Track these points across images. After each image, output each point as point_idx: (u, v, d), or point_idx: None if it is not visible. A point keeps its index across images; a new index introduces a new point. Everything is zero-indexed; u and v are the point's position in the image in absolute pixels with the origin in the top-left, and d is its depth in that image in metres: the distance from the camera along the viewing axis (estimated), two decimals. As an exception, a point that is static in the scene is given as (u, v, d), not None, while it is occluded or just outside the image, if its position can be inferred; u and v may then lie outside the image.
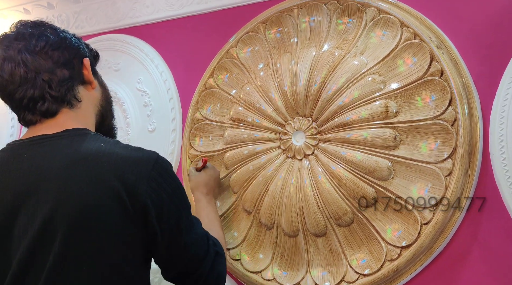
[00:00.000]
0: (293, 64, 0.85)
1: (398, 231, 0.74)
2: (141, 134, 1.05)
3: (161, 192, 0.56)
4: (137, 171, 0.55)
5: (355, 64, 0.80)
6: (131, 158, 0.56)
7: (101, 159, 0.55)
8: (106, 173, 0.54)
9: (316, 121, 0.83)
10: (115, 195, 0.54)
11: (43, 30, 0.62)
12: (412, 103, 0.75)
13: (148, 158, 0.57)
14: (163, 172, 0.57)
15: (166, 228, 0.58)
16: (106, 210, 0.54)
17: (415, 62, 0.76)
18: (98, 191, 0.54)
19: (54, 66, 0.60)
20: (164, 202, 0.56)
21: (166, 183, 0.57)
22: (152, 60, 1.06)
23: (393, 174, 0.75)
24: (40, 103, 0.59)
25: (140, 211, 0.55)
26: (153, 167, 0.56)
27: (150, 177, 0.55)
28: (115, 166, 0.55)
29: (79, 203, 0.53)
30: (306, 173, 0.81)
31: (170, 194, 0.57)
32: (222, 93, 0.95)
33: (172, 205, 0.58)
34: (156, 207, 0.56)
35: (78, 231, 0.53)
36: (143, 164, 0.56)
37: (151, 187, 0.55)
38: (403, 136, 0.75)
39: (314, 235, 0.82)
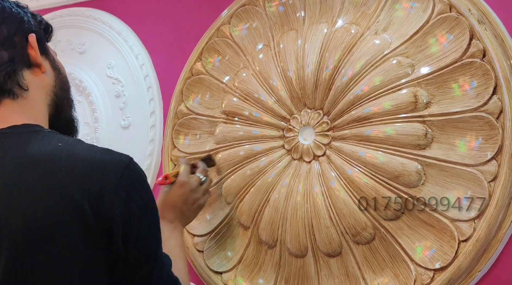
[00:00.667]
0: (299, 44, 0.85)
1: (430, 249, 0.73)
2: (112, 131, 1.05)
3: (131, 204, 0.55)
4: (103, 177, 0.53)
5: (376, 43, 0.79)
6: (96, 162, 0.54)
7: (57, 164, 0.53)
8: (63, 181, 0.52)
9: (328, 114, 0.82)
10: (74, 208, 0.52)
11: None
12: (447, 91, 0.74)
13: (117, 162, 0.55)
14: (135, 181, 0.56)
15: (132, 250, 0.56)
16: (63, 227, 0.52)
17: (451, 40, 0.74)
18: (54, 204, 0.52)
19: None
20: (135, 216, 0.55)
21: (138, 195, 0.55)
22: (126, 40, 1.06)
23: (424, 179, 0.74)
24: None
25: (104, 226, 0.53)
26: (124, 173, 0.54)
27: (119, 185, 0.54)
28: (76, 171, 0.53)
29: (29, 219, 0.51)
30: (316, 179, 0.81)
31: (141, 209, 0.56)
32: (213, 80, 0.95)
33: (144, 223, 0.56)
34: (124, 222, 0.54)
35: (26, 254, 0.51)
36: (111, 169, 0.54)
37: (119, 197, 0.53)
38: (435, 132, 0.74)
39: (327, 255, 0.81)
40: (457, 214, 0.71)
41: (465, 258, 0.70)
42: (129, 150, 0.61)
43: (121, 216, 0.53)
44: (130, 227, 0.54)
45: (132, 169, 0.56)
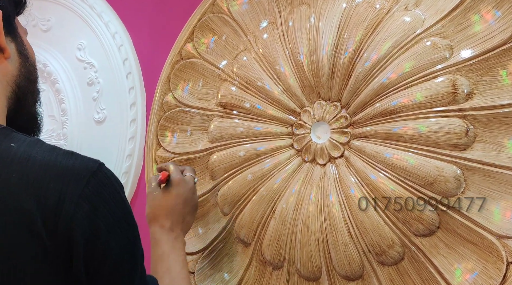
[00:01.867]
0: (312, 21, 0.84)
1: (472, 273, 0.72)
2: (83, 126, 1.05)
3: (97, 219, 0.54)
4: (62, 187, 0.52)
5: (407, 21, 0.78)
6: (56, 167, 0.53)
7: (8, 168, 0.53)
8: (14, 189, 0.52)
9: (347, 107, 0.82)
10: (26, 222, 0.51)
11: None
12: (493, 80, 0.73)
13: (82, 168, 0.54)
14: (103, 191, 0.55)
15: (98, 278, 0.55)
16: (12, 246, 0.51)
17: (498, 17, 0.73)
18: (3, 217, 0.51)
19: None
20: (101, 234, 0.54)
21: (107, 208, 0.55)
22: (101, 16, 1.06)
23: (464, 186, 0.74)
24: None
25: (62, 246, 0.52)
26: (89, 181, 0.53)
27: (82, 195, 0.53)
28: (30, 178, 0.52)
29: None
30: (332, 185, 0.80)
31: (110, 225, 0.55)
32: (206, 65, 0.95)
33: (113, 242, 0.55)
34: (86, 242, 0.53)
35: None
36: (73, 176, 0.53)
37: (81, 211, 0.53)
38: (479, 129, 0.74)
39: (345, 278, 0.80)
40: (505, 229, 0.70)
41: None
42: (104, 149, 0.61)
43: (82, 234, 0.53)
44: (94, 249, 0.53)
45: (101, 177, 0.55)
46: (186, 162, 0.95)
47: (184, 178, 0.82)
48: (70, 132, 1.05)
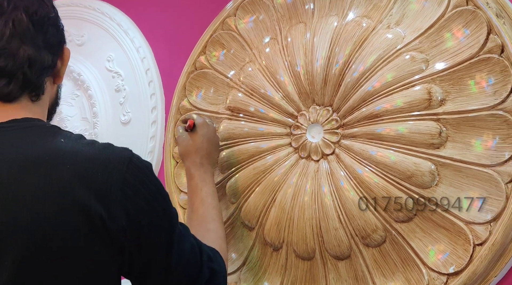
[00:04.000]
0: (308, 38, 0.84)
1: (443, 253, 0.73)
2: (112, 127, 1.05)
3: (139, 200, 0.55)
4: (108, 175, 0.53)
5: (389, 38, 0.78)
6: (99, 158, 0.54)
7: (62, 161, 0.53)
8: (69, 180, 0.52)
9: (337, 111, 0.81)
10: (80, 207, 0.51)
11: None
12: (462, 88, 0.73)
13: (120, 158, 0.55)
14: (140, 175, 0.56)
15: (145, 245, 0.56)
16: (69, 227, 0.51)
17: (467, 35, 0.73)
18: (59, 203, 0.51)
19: (42, 45, 0.60)
20: (143, 212, 0.55)
21: (145, 189, 0.56)
22: (127, 32, 1.06)
23: (438, 180, 0.74)
24: (5, 81, 0.57)
25: (114, 227, 0.53)
26: (128, 169, 0.54)
27: (125, 182, 0.54)
28: (80, 169, 0.53)
29: (34, 219, 0.51)
30: (325, 178, 0.80)
31: (150, 202, 0.56)
32: (217, 75, 0.94)
33: (153, 216, 0.57)
34: (132, 220, 0.54)
35: (32, 255, 0.51)
36: (114, 165, 0.54)
37: (125, 195, 0.54)
38: (450, 131, 0.74)
39: (335, 258, 0.80)
40: (472, 217, 0.71)
41: (480, 263, 0.69)
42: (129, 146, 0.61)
43: (128, 215, 0.53)
44: (139, 223, 0.55)
45: (136, 163, 0.56)
46: None
47: (207, 122, 0.85)
48: (100, 132, 1.05)
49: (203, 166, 0.81)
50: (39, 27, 0.59)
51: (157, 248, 0.58)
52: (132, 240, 0.54)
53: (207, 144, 0.82)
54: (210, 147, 0.83)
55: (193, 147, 0.81)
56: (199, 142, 0.82)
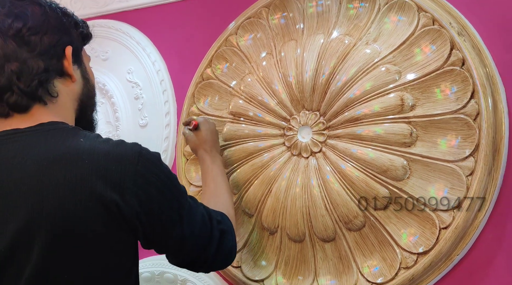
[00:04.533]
0: (298, 53, 0.84)
1: (414, 236, 0.73)
2: (132, 129, 1.04)
3: (150, 188, 0.55)
4: (121, 168, 0.53)
5: (367, 52, 0.79)
6: (113, 153, 0.54)
7: (81, 157, 0.53)
8: (87, 173, 0.52)
9: (324, 115, 0.82)
10: (98, 197, 0.52)
11: (24, 7, 0.58)
12: (430, 95, 0.74)
13: (131, 152, 0.55)
14: (149, 165, 0.56)
15: (159, 224, 0.57)
16: (89, 215, 0.52)
17: (433, 50, 0.74)
18: (79, 194, 0.52)
19: (28, 55, 0.57)
20: (154, 198, 0.55)
21: (155, 177, 0.56)
22: (144, 49, 1.05)
23: (409, 173, 0.74)
24: (8, 95, 0.56)
25: (128, 212, 0.53)
26: (138, 160, 0.54)
27: (136, 172, 0.54)
28: (97, 164, 0.53)
29: (57, 208, 0.51)
30: (313, 173, 0.81)
31: (159, 188, 0.56)
32: (221, 84, 0.94)
33: (163, 199, 0.57)
34: (145, 206, 0.54)
35: (58, 241, 0.51)
36: (126, 159, 0.54)
37: (137, 185, 0.54)
38: (420, 132, 0.74)
39: (322, 240, 0.81)
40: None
41: (445, 243, 0.70)
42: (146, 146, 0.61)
43: (140, 202, 0.54)
44: (151, 208, 0.55)
45: (145, 155, 0.56)
46: None
47: (207, 119, 0.87)
48: (122, 134, 1.04)
49: (211, 151, 0.82)
50: (18, 41, 0.55)
51: (170, 225, 0.58)
52: (145, 222, 0.55)
53: (211, 136, 0.84)
54: (214, 138, 0.85)
55: (200, 140, 0.83)
56: (205, 136, 0.83)
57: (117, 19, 1.09)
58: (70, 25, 0.62)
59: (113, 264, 0.54)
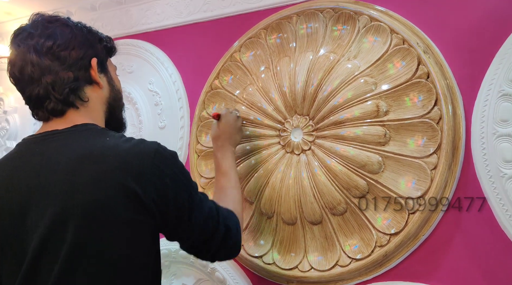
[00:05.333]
0: (292, 67, 0.85)
1: (387, 219, 0.74)
2: (152, 131, 1.04)
3: (165, 178, 0.55)
4: (140, 162, 0.53)
5: (349, 67, 0.79)
6: (134, 150, 0.54)
7: (106, 153, 0.54)
8: (111, 167, 0.53)
9: (313, 119, 0.82)
10: (121, 187, 0.52)
11: (54, 28, 0.59)
12: (401, 103, 0.75)
13: (149, 149, 0.55)
14: (163, 159, 0.56)
15: (173, 212, 0.56)
16: (114, 202, 0.52)
17: (404, 65, 0.75)
18: (105, 184, 0.52)
19: (59, 68, 0.58)
20: (168, 187, 0.55)
21: (168, 169, 0.56)
22: (163, 63, 1.05)
23: (383, 168, 0.75)
24: (47, 102, 0.58)
25: (146, 199, 0.53)
26: (155, 156, 0.55)
27: (154, 166, 0.54)
28: (120, 159, 0.53)
29: (87, 196, 0.52)
30: (304, 167, 0.81)
31: (172, 179, 0.56)
32: (227, 93, 0.94)
33: (177, 189, 0.56)
34: (160, 193, 0.54)
35: (88, 223, 0.51)
36: (145, 154, 0.54)
37: (154, 175, 0.54)
38: (392, 133, 0.75)
39: (311, 223, 0.81)
40: (407, 193, 0.72)
41: (413, 226, 0.71)
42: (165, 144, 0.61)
43: (156, 189, 0.54)
44: (166, 195, 0.55)
45: (161, 151, 0.56)
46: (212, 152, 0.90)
47: (229, 111, 0.82)
48: (144, 134, 1.04)
49: (223, 146, 0.78)
50: (50, 57, 0.57)
51: (181, 212, 0.57)
52: (161, 207, 0.54)
53: (228, 129, 0.80)
54: (232, 130, 0.80)
55: (217, 132, 0.80)
56: (222, 129, 0.80)
57: (141, 39, 1.09)
58: (95, 40, 0.63)
59: (135, 242, 0.54)
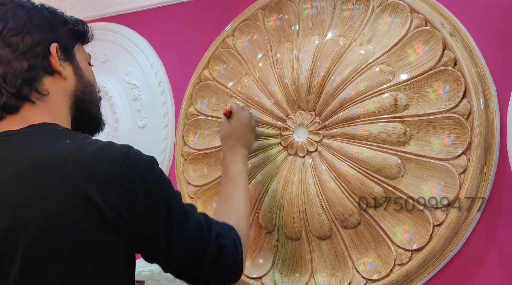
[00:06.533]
0: (294, 54, 0.85)
1: (408, 233, 0.74)
2: (130, 130, 1.04)
3: (135, 190, 0.53)
4: (105, 169, 0.52)
5: (361, 53, 0.79)
6: (98, 155, 0.53)
7: (66, 159, 0.52)
8: (72, 175, 0.51)
9: (319, 115, 0.82)
10: (83, 199, 0.51)
11: (5, 11, 0.58)
12: (423, 95, 0.74)
13: (118, 153, 0.53)
14: (135, 166, 0.54)
15: (146, 230, 0.54)
16: (73, 218, 0.51)
17: (426, 51, 0.74)
18: (64, 196, 0.51)
19: (11, 56, 0.56)
20: (139, 200, 0.53)
21: (140, 178, 0.54)
22: (142, 51, 1.05)
23: (403, 172, 0.74)
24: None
25: (111, 214, 0.52)
26: (123, 162, 0.53)
27: (121, 174, 0.52)
28: (82, 165, 0.52)
29: (43, 211, 0.51)
30: (309, 171, 0.81)
31: (145, 190, 0.54)
32: (218, 85, 0.94)
33: (151, 202, 0.54)
34: (129, 208, 0.52)
35: (42, 242, 0.50)
36: (111, 160, 0.53)
37: (121, 185, 0.52)
38: (413, 131, 0.74)
39: (318, 238, 0.81)
40: (432, 202, 0.71)
41: (438, 240, 0.70)
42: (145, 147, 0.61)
43: (125, 205, 0.52)
44: (137, 211, 0.53)
45: (132, 157, 0.54)
46: (203, 156, 0.93)
47: (242, 108, 0.81)
48: (121, 134, 1.04)
49: (235, 147, 0.76)
50: (1, 43, 0.56)
51: (158, 230, 0.55)
52: (131, 224, 0.52)
53: (241, 128, 0.78)
54: (245, 130, 0.78)
55: (228, 131, 0.78)
56: (233, 127, 0.78)
57: (116, 22, 1.09)
58: (58, 23, 0.61)
59: (101, 268, 0.52)
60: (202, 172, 0.93)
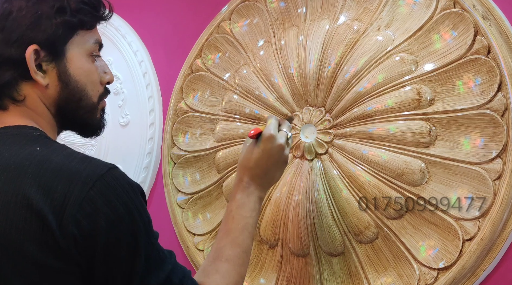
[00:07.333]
0: (301, 40, 0.84)
1: (434, 249, 0.73)
2: (110, 129, 1.04)
3: (98, 218, 0.50)
4: (69, 189, 0.50)
5: (379, 40, 0.78)
6: (66, 170, 0.51)
7: (25, 170, 0.51)
8: (28, 188, 0.50)
9: (330, 112, 0.81)
10: (36, 217, 0.49)
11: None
12: (451, 88, 0.73)
13: (91, 172, 0.51)
14: (108, 193, 0.51)
15: (102, 262, 0.51)
16: (23, 238, 0.49)
17: (455, 37, 0.73)
18: (15, 211, 0.49)
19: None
20: (101, 232, 0.50)
21: (109, 207, 0.50)
22: (124, 37, 1.05)
23: (427, 177, 0.74)
24: None
25: (62, 239, 0.49)
26: (94, 184, 0.50)
27: (86, 198, 0.50)
28: (42, 180, 0.50)
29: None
30: (318, 177, 0.80)
31: (113, 222, 0.51)
32: (213, 77, 0.94)
33: (113, 236, 0.51)
34: (86, 236, 0.50)
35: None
36: (80, 179, 0.50)
37: (82, 212, 0.49)
38: (439, 130, 0.74)
39: (329, 254, 0.80)
40: (461, 213, 0.71)
41: (469, 257, 0.69)
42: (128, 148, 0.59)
43: (81, 232, 0.49)
44: (94, 242, 0.50)
45: (108, 180, 0.51)
46: (196, 158, 0.94)
47: (274, 134, 0.68)
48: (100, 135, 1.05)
49: (249, 188, 0.67)
50: None
51: (116, 274, 0.52)
52: (86, 255, 0.50)
53: (265, 162, 0.68)
54: (268, 165, 0.68)
55: (248, 162, 0.68)
56: (256, 158, 0.68)
57: (94, 4, 1.09)
58: (47, 14, 0.57)
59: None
60: (194, 178, 0.94)
